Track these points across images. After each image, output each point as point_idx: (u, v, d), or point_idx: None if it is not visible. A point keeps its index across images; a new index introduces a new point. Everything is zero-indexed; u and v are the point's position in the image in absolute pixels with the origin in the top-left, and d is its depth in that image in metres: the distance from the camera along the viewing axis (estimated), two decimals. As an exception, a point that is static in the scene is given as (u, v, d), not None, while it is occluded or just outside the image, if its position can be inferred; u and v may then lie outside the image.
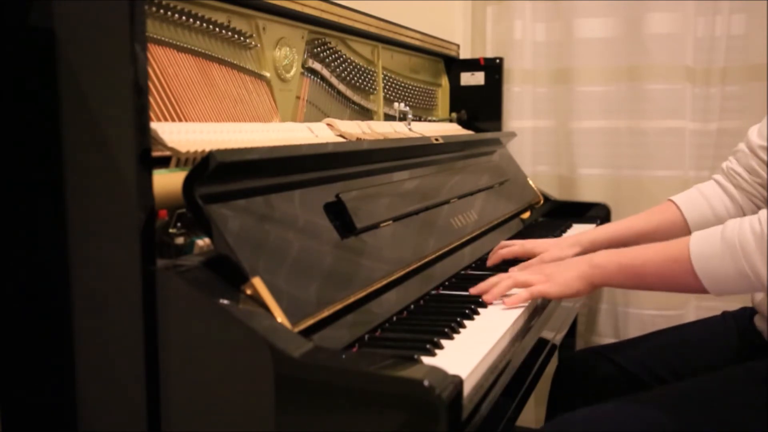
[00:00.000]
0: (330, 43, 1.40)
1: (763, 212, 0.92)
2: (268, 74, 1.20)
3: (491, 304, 1.05)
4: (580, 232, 1.39)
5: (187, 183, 0.74)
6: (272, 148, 0.91)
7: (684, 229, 1.32)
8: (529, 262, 1.23)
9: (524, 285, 1.06)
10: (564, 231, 1.70)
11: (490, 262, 1.30)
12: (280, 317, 0.73)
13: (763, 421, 0.95)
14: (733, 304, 1.41)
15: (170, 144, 0.86)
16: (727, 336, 1.25)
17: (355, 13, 1.42)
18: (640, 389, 1.22)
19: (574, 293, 1.06)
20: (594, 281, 1.05)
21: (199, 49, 1.05)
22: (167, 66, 0.98)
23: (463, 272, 1.24)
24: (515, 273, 1.09)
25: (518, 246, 1.31)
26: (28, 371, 0.80)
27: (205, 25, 1.06)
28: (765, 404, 0.97)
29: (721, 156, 1.89)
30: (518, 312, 1.01)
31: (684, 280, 0.96)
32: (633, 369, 1.26)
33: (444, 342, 0.86)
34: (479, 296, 1.05)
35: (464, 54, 2.06)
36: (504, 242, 1.34)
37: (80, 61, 0.73)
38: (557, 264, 1.11)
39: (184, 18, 1.01)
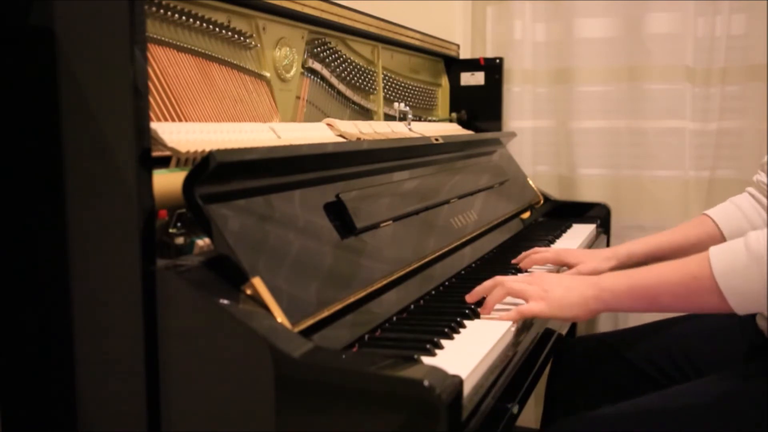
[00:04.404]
0: (330, 43, 1.40)
1: None
2: (268, 74, 1.20)
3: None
4: (618, 245, 1.37)
5: (187, 183, 0.74)
6: (272, 148, 0.91)
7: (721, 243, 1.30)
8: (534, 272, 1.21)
9: (518, 295, 1.00)
10: (564, 231, 1.70)
11: (523, 267, 1.28)
12: (280, 317, 0.73)
13: (764, 424, 0.95)
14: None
15: (170, 144, 0.86)
16: (728, 327, 1.25)
17: (355, 13, 1.42)
18: (639, 380, 1.21)
19: (570, 318, 1.00)
20: (598, 307, 0.97)
21: (199, 49, 1.05)
22: (167, 66, 0.98)
23: (463, 272, 1.24)
24: (510, 282, 1.02)
25: (552, 253, 1.30)
26: (28, 371, 0.80)
27: (205, 25, 1.06)
28: (766, 406, 0.97)
29: (721, 156, 1.90)
30: (518, 312, 1.01)
31: (706, 299, 0.89)
32: (633, 360, 1.26)
33: (444, 342, 0.86)
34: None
35: (464, 54, 2.06)
36: (537, 248, 1.33)
37: (80, 61, 0.73)
38: (560, 278, 1.03)
39: (184, 18, 1.01)
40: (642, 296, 0.95)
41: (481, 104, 1.99)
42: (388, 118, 1.63)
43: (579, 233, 1.70)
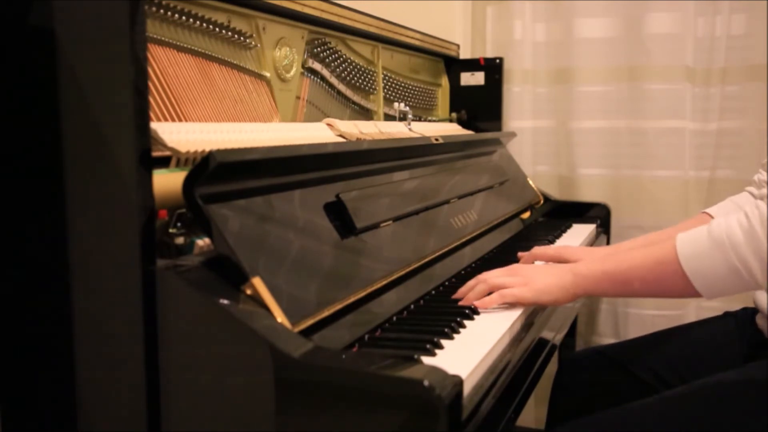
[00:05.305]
0: (330, 43, 1.40)
1: (748, 208, 0.91)
2: (268, 74, 1.20)
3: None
4: (616, 243, 1.36)
5: (187, 183, 0.74)
6: (272, 148, 0.91)
7: None
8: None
9: (499, 288, 1.02)
10: (564, 231, 1.70)
11: (523, 262, 1.28)
12: (280, 317, 0.73)
13: (763, 424, 0.95)
14: (733, 304, 1.41)
15: (170, 144, 0.86)
16: (729, 336, 1.25)
17: (355, 13, 1.42)
18: (643, 392, 1.21)
19: (551, 301, 1.03)
20: (576, 291, 1.02)
21: (199, 49, 1.05)
22: (167, 66, 0.98)
23: (463, 272, 1.24)
24: (491, 276, 1.05)
25: (553, 250, 1.30)
26: (28, 371, 0.80)
27: (205, 25, 1.06)
28: (765, 406, 0.97)
29: (721, 156, 1.90)
30: (518, 312, 1.01)
31: (673, 283, 0.94)
32: (636, 371, 1.26)
33: (444, 342, 0.86)
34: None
35: (464, 54, 2.06)
36: (537, 247, 1.33)
37: (80, 61, 0.73)
38: (538, 267, 1.08)
39: (184, 18, 1.01)
40: (615, 281, 1.00)
41: (481, 104, 1.99)
42: (388, 118, 1.63)
43: (579, 233, 1.70)
